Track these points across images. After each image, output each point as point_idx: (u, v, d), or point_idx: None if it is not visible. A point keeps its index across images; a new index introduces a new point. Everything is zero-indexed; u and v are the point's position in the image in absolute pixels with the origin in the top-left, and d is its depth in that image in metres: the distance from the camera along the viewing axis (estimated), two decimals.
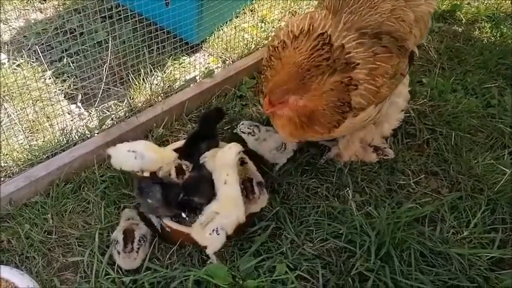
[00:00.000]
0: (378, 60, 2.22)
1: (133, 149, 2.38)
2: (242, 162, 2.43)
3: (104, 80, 2.93)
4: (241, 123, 2.69)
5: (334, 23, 2.24)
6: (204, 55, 3.44)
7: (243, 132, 2.66)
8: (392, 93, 2.46)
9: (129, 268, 2.16)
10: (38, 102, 2.80)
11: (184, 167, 2.38)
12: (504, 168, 2.66)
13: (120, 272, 2.17)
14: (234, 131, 2.71)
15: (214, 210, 2.15)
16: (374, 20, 2.28)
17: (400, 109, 2.66)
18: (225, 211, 2.14)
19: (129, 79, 2.98)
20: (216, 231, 2.09)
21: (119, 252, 2.14)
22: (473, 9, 4.14)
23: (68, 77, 3.08)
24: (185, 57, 3.35)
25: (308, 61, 2.14)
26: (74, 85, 3.04)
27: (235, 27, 3.54)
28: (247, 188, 2.32)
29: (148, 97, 2.94)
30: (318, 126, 2.26)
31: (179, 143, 2.61)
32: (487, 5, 4.19)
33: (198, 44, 3.43)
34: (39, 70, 3.08)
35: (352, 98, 2.20)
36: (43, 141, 2.66)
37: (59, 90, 3.01)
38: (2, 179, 2.46)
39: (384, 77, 2.25)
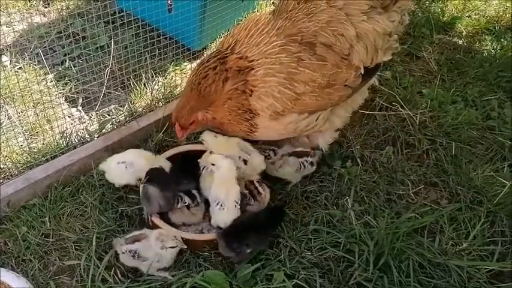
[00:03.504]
0: (302, 66, 2.21)
1: (122, 160, 2.41)
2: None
3: (105, 84, 2.93)
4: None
5: (270, 28, 2.27)
6: None
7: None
8: (332, 112, 2.46)
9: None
10: (39, 104, 2.80)
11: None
12: (504, 181, 2.66)
13: (116, 277, 2.16)
14: None
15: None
16: (306, 27, 2.25)
17: (335, 128, 2.64)
18: None
19: (130, 84, 2.98)
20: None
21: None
22: (473, 21, 4.16)
23: (70, 80, 3.09)
24: (186, 64, 3.35)
25: (196, 76, 2.26)
26: (75, 89, 3.04)
27: None
28: (251, 190, 2.33)
29: (149, 102, 2.94)
30: (233, 134, 2.40)
31: (171, 151, 2.62)
32: (488, 18, 4.22)
33: (200, 51, 3.44)
34: (41, 73, 3.08)
35: (252, 103, 2.24)
36: (43, 143, 2.66)
37: (60, 93, 3.01)
38: (1, 180, 2.45)
39: (307, 84, 2.23)
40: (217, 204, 2.26)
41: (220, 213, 2.27)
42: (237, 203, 2.27)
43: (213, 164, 2.32)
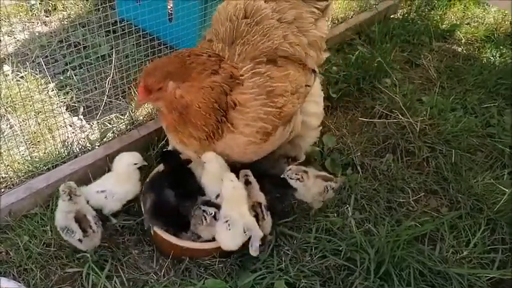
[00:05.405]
0: (275, 82, 2.26)
1: (101, 189, 2.36)
2: (247, 182, 2.36)
3: (106, 93, 2.94)
4: (288, 169, 2.44)
5: (230, 56, 2.27)
6: None
7: (290, 178, 2.41)
8: (303, 112, 2.51)
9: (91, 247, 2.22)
10: (40, 114, 2.82)
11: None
12: (504, 188, 2.67)
13: (116, 286, 2.17)
14: (282, 176, 2.44)
15: None
16: (267, 47, 2.31)
17: (313, 127, 2.67)
18: None
19: (131, 93, 3.00)
20: None
21: (80, 240, 2.16)
22: (472, 29, 4.19)
23: (71, 89, 3.11)
24: None
25: (189, 50, 2.17)
26: (76, 98, 3.06)
27: None
28: (257, 214, 2.25)
29: (150, 111, 2.96)
30: (192, 128, 2.18)
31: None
32: (487, 25, 4.25)
33: None
34: (43, 82, 3.10)
35: (234, 119, 2.18)
36: (44, 152, 2.67)
37: (62, 102, 3.03)
38: (3, 190, 2.46)
39: (283, 96, 2.28)
40: (226, 222, 2.17)
41: (224, 233, 2.18)
42: (246, 231, 2.16)
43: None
